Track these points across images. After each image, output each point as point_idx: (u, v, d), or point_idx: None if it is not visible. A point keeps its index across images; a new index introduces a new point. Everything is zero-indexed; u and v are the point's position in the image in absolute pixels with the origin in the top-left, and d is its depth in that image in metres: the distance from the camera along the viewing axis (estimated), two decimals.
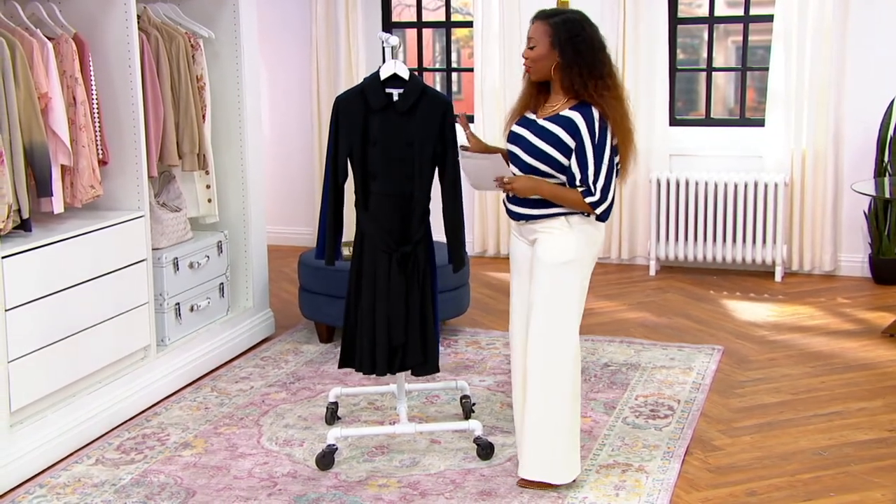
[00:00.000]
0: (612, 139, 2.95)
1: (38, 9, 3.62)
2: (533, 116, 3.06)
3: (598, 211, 2.95)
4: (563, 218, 3.01)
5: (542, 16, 3.03)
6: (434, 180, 3.27)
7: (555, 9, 3.07)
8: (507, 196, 3.10)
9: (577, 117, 2.95)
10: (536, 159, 2.99)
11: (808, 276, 5.76)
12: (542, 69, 3.01)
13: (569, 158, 2.95)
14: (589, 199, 2.94)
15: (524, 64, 3.05)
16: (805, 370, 4.23)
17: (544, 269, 3.02)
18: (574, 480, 3.15)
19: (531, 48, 3.01)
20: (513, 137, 3.09)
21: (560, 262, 3.00)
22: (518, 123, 3.09)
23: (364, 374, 3.30)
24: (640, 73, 5.80)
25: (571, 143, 2.95)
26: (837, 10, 5.45)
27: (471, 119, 6.20)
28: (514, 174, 3.04)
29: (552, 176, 3.00)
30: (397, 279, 3.22)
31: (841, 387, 4.03)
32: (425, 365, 3.31)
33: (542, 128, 3.00)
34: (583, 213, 3.01)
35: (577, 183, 2.95)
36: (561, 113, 2.99)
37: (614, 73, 3.03)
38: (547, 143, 2.97)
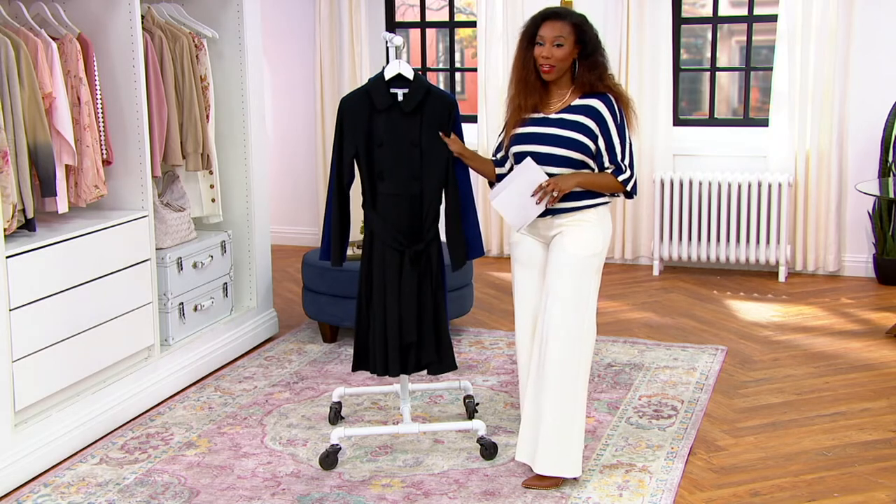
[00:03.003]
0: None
1: (43, 9, 3.63)
2: (540, 115, 3.07)
3: (629, 187, 3.06)
4: (593, 210, 3.07)
5: (557, 15, 3.05)
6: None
7: (564, 8, 3.12)
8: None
9: (596, 103, 3.04)
10: (571, 149, 3.03)
11: (812, 276, 5.75)
12: (564, 67, 3.05)
13: (595, 143, 3.03)
14: (622, 178, 3.05)
15: (549, 63, 3.02)
16: (809, 370, 4.23)
17: (572, 261, 3.04)
18: (576, 479, 3.16)
19: (558, 46, 3.02)
20: (524, 139, 3.08)
21: (589, 253, 3.05)
22: (527, 125, 3.08)
23: (377, 375, 3.30)
24: (643, 73, 5.80)
25: (595, 127, 3.03)
26: (841, 10, 5.45)
27: (472, 120, 6.19)
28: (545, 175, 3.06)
29: (583, 164, 3.05)
30: (409, 278, 3.22)
31: (845, 387, 4.03)
32: (440, 363, 3.31)
33: (561, 119, 3.05)
34: (610, 198, 3.12)
35: (607, 164, 3.04)
36: (574, 103, 3.06)
37: None
38: (575, 131, 3.03)
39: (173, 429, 3.65)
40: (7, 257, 3.18)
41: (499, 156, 3.22)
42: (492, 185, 3.22)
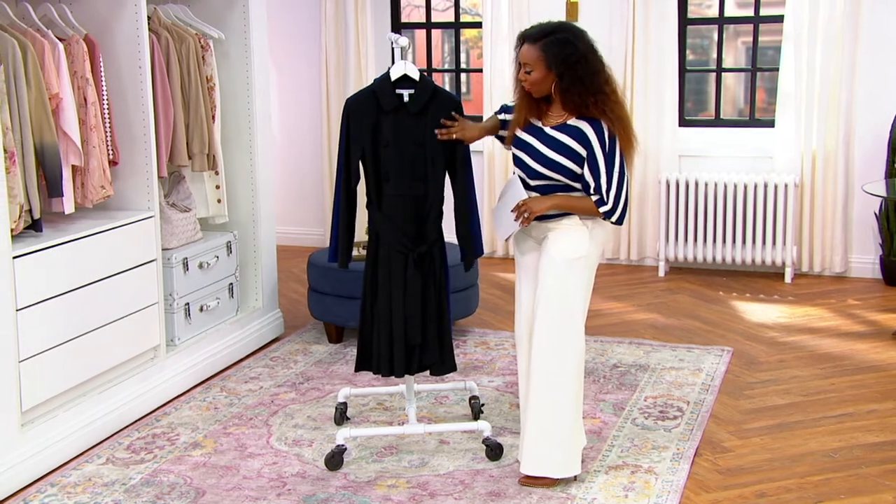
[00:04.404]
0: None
1: (50, 10, 3.64)
2: (539, 124, 3.06)
3: (613, 219, 3.00)
4: (577, 216, 3.05)
5: (530, 38, 2.97)
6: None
7: (541, 26, 3.00)
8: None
9: (586, 128, 2.98)
10: (546, 168, 3.01)
11: (818, 277, 5.74)
12: (544, 89, 3.00)
13: (581, 167, 2.99)
14: (602, 209, 2.99)
15: (524, 86, 3.01)
16: (815, 372, 4.22)
17: (555, 266, 3.03)
18: (575, 478, 3.16)
19: (528, 72, 2.98)
20: (520, 144, 3.08)
21: (572, 258, 3.03)
22: (524, 130, 3.08)
23: (382, 376, 3.30)
24: (649, 74, 5.79)
25: (583, 151, 2.98)
26: (848, 11, 5.43)
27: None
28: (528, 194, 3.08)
29: (563, 183, 3.02)
30: (414, 279, 3.22)
31: (851, 389, 4.02)
32: (443, 364, 3.32)
33: (551, 137, 3.01)
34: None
35: (591, 191, 2.99)
36: (569, 123, 3.01)
37: (611, 79, 3.01)
38: (557, 152, 2.99)
39: (179, 429, 3.66)
40: (14, 258, 3.19)
41: (502, 134, 3.23)
42: (500, 139, 3.25)
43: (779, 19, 5.65)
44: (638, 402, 3.86)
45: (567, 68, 2.93)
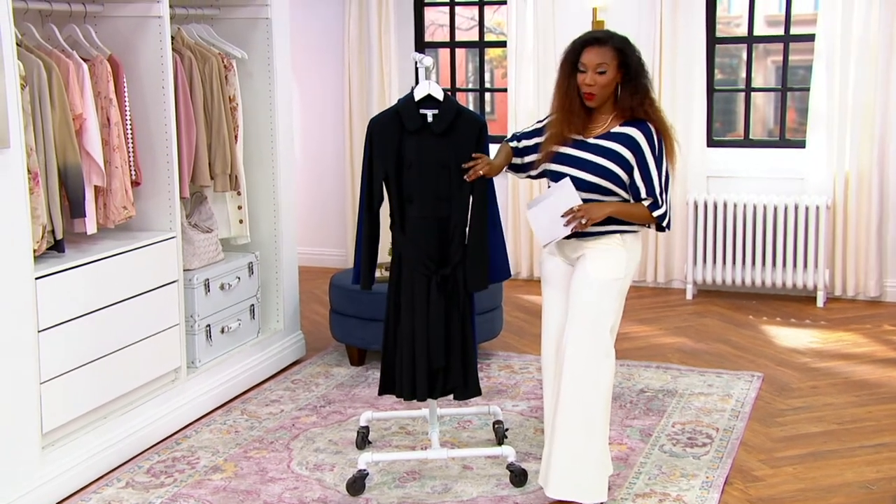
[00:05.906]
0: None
1: (75, 30, 3.65)
2: (580, 137, 3.02)
3: (665, 222, 3.01)
4: (618, 236, 3.02)
5: (598, 41, 2.98)
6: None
7: (605, 32, 3.04)
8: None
9: (635, 133, 2.98)
10: (601, 177, 2.98)
11: (851, 301, 5.62)
12: (607, 94, 3.00)
13: (629, 174, 2.97)
14: (657, 213, 2.99)
15: (589, 91, 2.97)
16: (850, 399, 4.11)
17: (593, 285, 2.99)
18: None
19: (601, 73, 2.96)
20: (563, 159, 3.04)
21: (611, 278, 3.00)
22: (565, 145, 3.04)
23: (405, 399, 3.25)
24: (677, 93, 5.73)
25: (632, 159, 2.97)
26: (882, 29, 5.34)
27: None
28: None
29: (613, 192, 3.00)
30: (437, 302, 3.18)
31: (888, 417, 3.90)
32: (466, 388, 3.26)
33: (597, 146, 3.00)
34: (640, 228, 3.06)
35: (643, 196, 2.98)
36: (614, 130, 3.00)
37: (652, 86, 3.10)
38: (609, 160, 2.97)
39: (199, 452, 3.62)
40: (36, 278, 3.17)
41: (525, 161, 3.16)
42: (515, 168, 3.19)
43: (810, 38, 5.57)
44: (666, 429, 3.77)
45: (634, 65, 2.98)
